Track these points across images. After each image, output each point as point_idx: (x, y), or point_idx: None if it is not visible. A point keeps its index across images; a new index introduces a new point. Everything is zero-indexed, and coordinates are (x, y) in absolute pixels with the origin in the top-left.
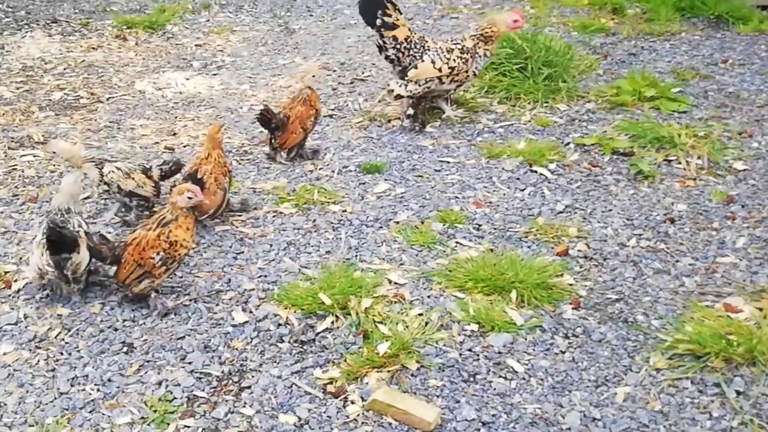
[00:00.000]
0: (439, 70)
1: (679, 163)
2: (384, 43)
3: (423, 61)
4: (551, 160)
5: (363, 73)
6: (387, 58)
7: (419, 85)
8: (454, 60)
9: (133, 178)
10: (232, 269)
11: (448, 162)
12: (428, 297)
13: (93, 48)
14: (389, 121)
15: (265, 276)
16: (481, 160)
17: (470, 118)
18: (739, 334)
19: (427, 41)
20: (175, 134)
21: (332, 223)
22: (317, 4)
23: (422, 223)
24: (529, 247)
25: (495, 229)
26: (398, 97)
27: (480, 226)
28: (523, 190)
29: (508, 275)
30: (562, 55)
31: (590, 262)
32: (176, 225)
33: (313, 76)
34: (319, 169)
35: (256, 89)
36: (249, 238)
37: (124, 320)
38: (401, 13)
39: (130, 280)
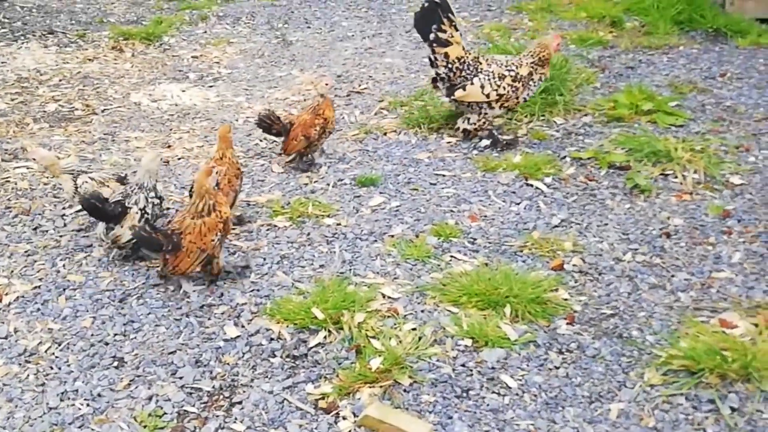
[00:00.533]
0: (487, 96)
1: (676, 177)
2: (435, 59)
3: (472, 83)
4: (547, 174)
5: (360, 85)
6: (437, 74)
7: (480, 116)
8: (504, 87)
9: (108, 186)
10: (224, 283)
11: (444, 175)
12: (422, 311)
13: (89, 59)
14: (385, 133)
15: (258, 290)
16: (476, 174)
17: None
18: (734, 350)
19: (481, 62)
20: (170, 146)
21: (326, 236)
22: (315, 16)
23: (417, 236)
24: (524, 261)
25: (490, 243)
26: (466, 132)
27: (475, 239)
28: (518, 203)
29: (503, 290)
30: (559, 68)
31: (585, 276)
32: (219, 205)
33: (327, 84)
34: (314, 182)
35: (252, 101)
36: (242, 252)
37: (115, 334)
38: (457, 30)
39: (192, 267)
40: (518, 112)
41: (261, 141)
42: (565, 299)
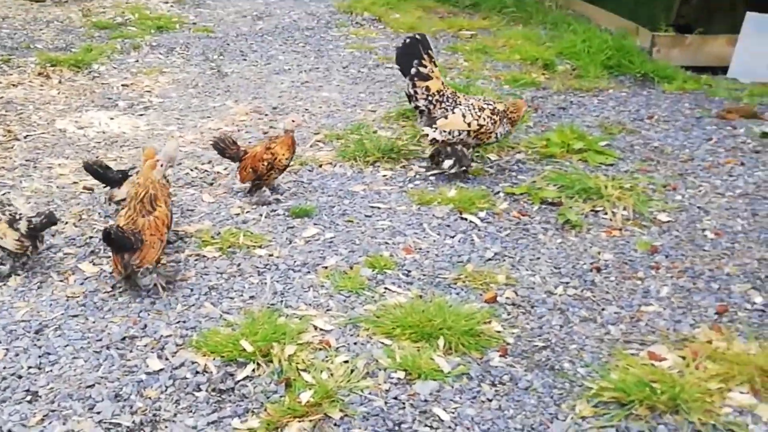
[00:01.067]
0: (468, 124)
1: (606, 213)
2: (415, 92)
3: (453, 113)
4: (481, 208)
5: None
6: (416, 108)
7: (450, 134)
8: (483, 119)
9: None
10: (148, 314)
11: (379, 208)
12: (355, 344)
13: (13, 84)
14: (320, 165)
15: (184, 322)
16: (411, 207)
17: (404, 166)
18: (662, 382)
19: (459, 96)
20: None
21: (257, 267)
22: (251, 49)
23: (351, 268)
24: (457, 293)
25: (424, 275)
26: (433, 141)
27: (409, 272)
28: (453, 237)
29: (436, 322)
30: None
31: (518, 309)
32: (163, 195)
33: (293, 121)
34: (246, 212)
35: (183, 131)
36: (173, 263)
37: (29, 367)
38: (436, 66)
39: (156, 256)
40: None
41: (192, 170)
42: (498, 332)
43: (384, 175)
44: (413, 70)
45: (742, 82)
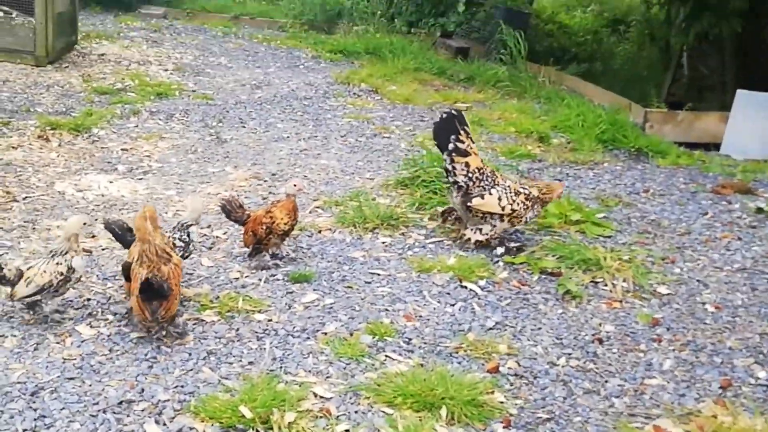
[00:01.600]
0: (503, 208)
1: (606, 285)
2: (454, 168)
3: (491, 194)
4: (481, 277)
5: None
6: (455, 183)
7: (491, 226)
8: (518, 204)
9: None
10: (146, 378)
11: (379, 274)
12: (355, 412)
13: (12, 147)
14: (320, 231)
15: (182, 386)
16: (411, 274)
17: (402, 233)
18: None
19: (497, 176)
20: (93, 236)
21: (256, 332)
22: (250, 116)
23: (351, 335)
24: (459, 362)
25: (425, 343)
26: (478, 243)
27: (410, 339)
28: (453, 305)
29: (438, 391)
30: None
31: (521, 380)
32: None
33: (295, 185)
34: (245, 276)
35: (182, 195)
36: (166, 346)
37: (24, 430)
38: (474, 142)
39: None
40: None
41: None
42: (501, 402)
43: (383, 242)
44: (451, 146)
45: (735, 159)
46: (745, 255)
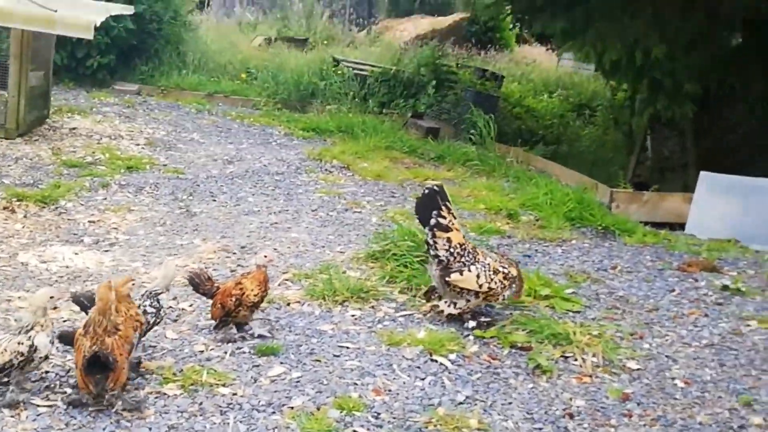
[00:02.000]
0: (480, 286)
1: (576, 359)
2: (435, 243)
3: (470, 271)
4: (451, 351)
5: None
6: (435, 256)
7: (466, 301)
8: (496, 282)
9: None
10: None
11: (348, 347)
12: None
13: None
14: (288, 304)
15: None
16: (381, 347)
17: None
18: None
19: (478, 253)
20: (55, 308)
21: (220, 406)
22: (221, 190)
23: (318, 409)
24: None
25: (394, 418)
26: (450, 316)
27: (379, 414)
28: (423, 378)
29: None
30: None
31: None
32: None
33: (265, 257)
34: (211, 349)
35: (149, 267)
36: (126, 420)
37: None
38: (455, 218)
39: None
40: (422, 290)
41: None
42: None
43: (353, 315)
44: (433, 221)
45: (700, 238)
46: (712, 331)
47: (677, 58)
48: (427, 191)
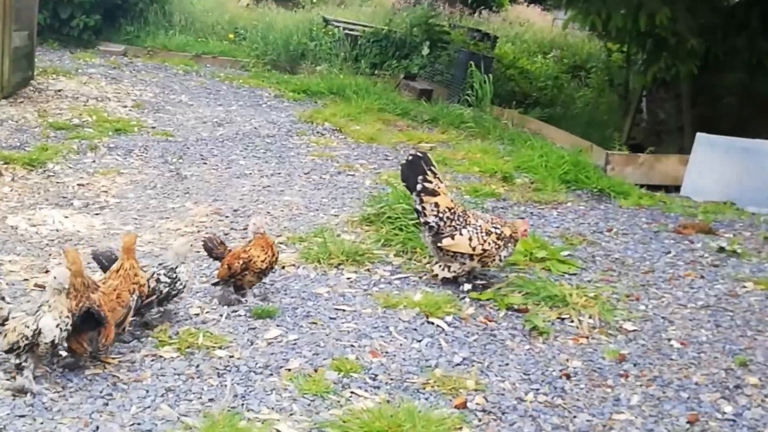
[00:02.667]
0: (473, 249)
1: (572, 321)
2: (423, 208)
3: (461, 234)
4: (448, 313)
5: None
6: (426, 224)
7: (460, 264)
8: (489, 243)
9: None
10: (101, 416)
11: (344, 310)
12: None
13: None
14: (283, 267)
15: (139, 424)
16: (377, 310)
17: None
18: None
19: (469, 216)
20: (47, 272)
21: (217, 369)
22: (212, 153)
23: (315, 371)
24: (426, 398)
25: (392, 379)
26: (445, 280)
27: (376, 376)
28: (420, 341)
29: (406, 427)
30: None
31: (489, 415)
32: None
33: (254, 224)
34: (206, 312)
35: (141, 231)
36: (123, 383)
37: None
38: (442, 182)
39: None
40: (418, 253)
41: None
42: None
43: (348, 278)
44: (419, 186)
45: (695, 200)
46: (708, 293)
47: (680, 20)
48: (410, 157)
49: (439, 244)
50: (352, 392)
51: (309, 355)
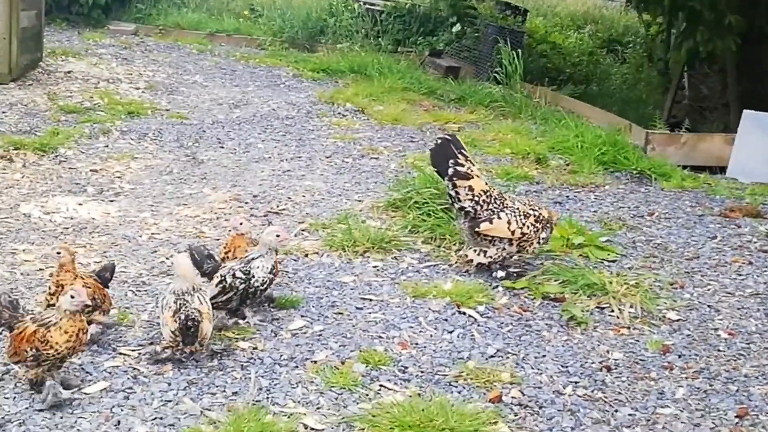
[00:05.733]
0: (512, 233)
1: (612, 310)
2: (457, 193)
3: (499, 218)
4: (480, 303)
5: (278, 206)
6: (461, 209)
7: (497, 249)
8: (528, 226)
9: None
10: (122, 410)
11: (371, 300)
12: None
13: None
14: (306, 255)
15: (161, 418)
16: (405, 300)
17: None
18: None
19: (505, 198)
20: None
21: (240, 361)
22: (228, 136)
23: (342, 363)
24: (459, 392)
25: (422, 372)
26: (480, 265)
27: (406, 368)
28: (451, 331)
29: (438, 422)
30: None
31: (525, 410)
32: (56, 327)
33: (241, 224)
34: None
35: (158, 218)
36: (144, 376)
37: None
38: (474, 165)
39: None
40: (447, 240)
41: (167, 258)
42: None
43: (374, 266)
44: (451, 170)
45: (742, 182)
46: (757, 280)
47: None
48: (439, 141)
49: (477, 229)
50: (381, 385)
51: (335, 346)
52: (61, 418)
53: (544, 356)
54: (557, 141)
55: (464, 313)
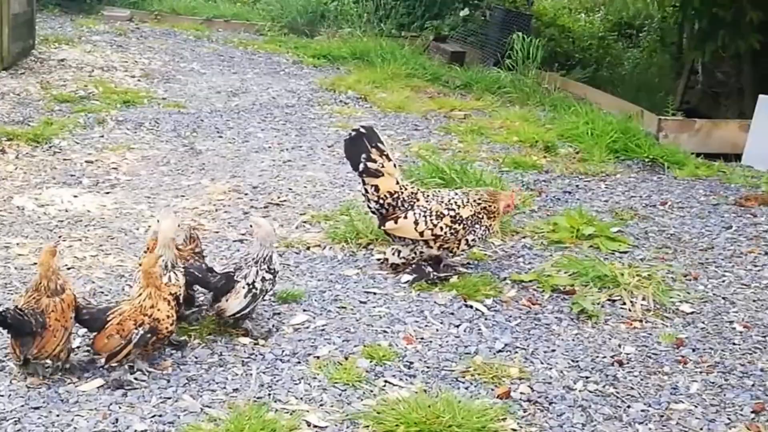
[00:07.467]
0: (421, 234)
1: (624, 303)
2: (366, 191)
3: (406, 218)
4: (487, 296)
5: (278, 197)
6: (369, 209)
7: (411, 251)
8: (440, 228)
9: None
10: (119, 407)
11: (375, 293)
12: None
13: None
14: (308, 248)
15: (161, 416)
16: (410, 293)
17: None
18: None
19: (419, 198)
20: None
21: (241, 357)
22: (227, 126)
23: (346, 359)
24: (466, 387)
25: (428, 367)
26: (394, 266)
27: (411, 363)
28: (457, 326)
29: (445, 419)
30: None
31: (535, 406)
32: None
33: (192, 224)
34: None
35: (155, 210)
36: (142, 373)
37: None
38: (390, 160)
39: (58, 347)
40: None
41: None
42: (514, 430)
43: (378, 259)
44: (361, 166)
45: (758, 170)
46: None
47: None
48: (353, 133)
49: (382, 228)
50: (385, 381)
51: (338, 341)
52: (57, 416)
53: (553, 351)
54: (566, 128)
55: (471, 307)
